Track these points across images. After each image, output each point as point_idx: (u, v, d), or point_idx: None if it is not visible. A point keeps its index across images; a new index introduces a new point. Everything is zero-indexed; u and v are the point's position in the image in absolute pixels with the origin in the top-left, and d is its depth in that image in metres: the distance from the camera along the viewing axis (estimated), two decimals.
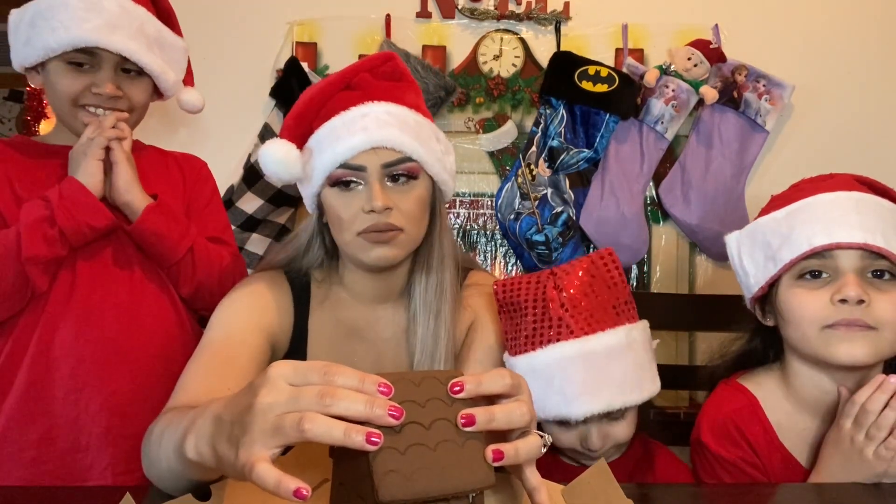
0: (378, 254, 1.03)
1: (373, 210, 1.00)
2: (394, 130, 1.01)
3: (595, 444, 1.03)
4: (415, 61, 1.95)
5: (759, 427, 1.05)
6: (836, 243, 0.96)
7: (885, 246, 0.94)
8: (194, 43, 2.01)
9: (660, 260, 2.11)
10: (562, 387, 1.01)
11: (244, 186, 2.00)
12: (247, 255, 2.03)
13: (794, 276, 1.01)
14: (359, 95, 1.05)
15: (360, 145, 1.00)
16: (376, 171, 1.02)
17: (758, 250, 1.05)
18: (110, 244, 1.21)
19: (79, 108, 1.19)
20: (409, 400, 0.57)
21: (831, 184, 1.03)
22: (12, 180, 1.18)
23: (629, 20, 2.09)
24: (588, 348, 1.01)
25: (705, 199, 2.03)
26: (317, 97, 1.06)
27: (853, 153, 2.09)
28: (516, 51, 2.08)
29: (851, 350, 0.96)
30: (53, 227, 1.11)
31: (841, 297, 0.95)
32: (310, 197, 1.10)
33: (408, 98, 1.08)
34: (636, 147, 2.04)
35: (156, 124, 2.01)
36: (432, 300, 1.10)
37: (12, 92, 3.87)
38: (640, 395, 1.03)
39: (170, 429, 0.76)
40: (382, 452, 0.54)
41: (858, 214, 0.96)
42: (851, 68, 2.11)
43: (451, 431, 0.57)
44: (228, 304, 1.08)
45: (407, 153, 1.02)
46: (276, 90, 2.01)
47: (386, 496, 0.53)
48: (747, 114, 2.05)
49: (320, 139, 1.04)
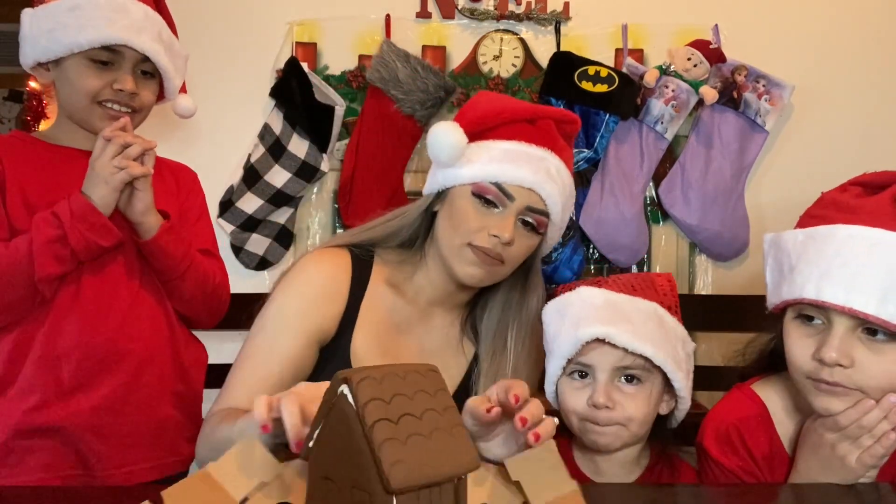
0: (472, 272, 1.09)
1: (497, 237, 1.06)
2: (555, 188, 1.09)
3: (600, 398, 1.01)
4: (415, 61, 1.96)
5: (764, 438, 1.03)
6: (822, 301, 0.90)
7: (878, 310, 0.87)
8: (195, 43, 2.01)
9: (660, 260, 2.11)
10: (576, 315, 1.03)
11: (244, 186, 2.00)
12: (247, 255, 2.03)
13: (794, 312, 0.97)
14: (541, 136, 1.11)
15: (524, 180, 1.06)
16: (519, 207, 1.07)
17: (776, 267, 1.00)
18: (116, 253, 1.23)
19: (97, 105, 1.20)
20: (400, 393, 0.60)
21: (864, 206, 0.94)
22: (24, 187, 1.19)
23: (629, 20, 2.09)
24: (613, 297, 1.05)
25: (705, 199, 2.03)
26: (504, 114, 1.11)
27: (853, 153, 2.09)
28: (516, 51, 2.08)
29: (828, 406, 0.93)
30: (65, 247, 1.13)
31: (819, 357, 0.91)
32: (440, 183, 1.12)
33: (570, 164, 1.16)
34: (636, 147, 2.04)
35: (156, 124, 2.01)
36: (514, 337, 1.16)
37: (12, 92, 3.87)
38: (654, 351, 1.01)
39: (224, 423, 0.93)
40: (386, 444, 0.57)
41: (863, 267, 0.89)
42: (851, 68, 2.11)
43: (440, 420, 0.61)
44: (279, 302, 1.10)
45: (550, 211, 1.10)
46: (276, 90, 2.01)
47: (397, 485, 0.56)
48: (747, 114, 2.05)
49: (492, 149, 1.08)
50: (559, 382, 1.08)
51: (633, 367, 1.03)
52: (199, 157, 2.03)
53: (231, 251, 2.02)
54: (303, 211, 2.09)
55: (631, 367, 1.03)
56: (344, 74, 2.04)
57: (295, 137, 1.98)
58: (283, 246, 2.05)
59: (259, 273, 2.05)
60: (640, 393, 1.04)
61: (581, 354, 1.03)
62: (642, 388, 1.04)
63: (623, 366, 1.02)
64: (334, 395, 0.61)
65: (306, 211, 2.10)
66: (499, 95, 1.19)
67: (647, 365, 1.03)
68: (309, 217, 2.10)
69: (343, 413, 0.60)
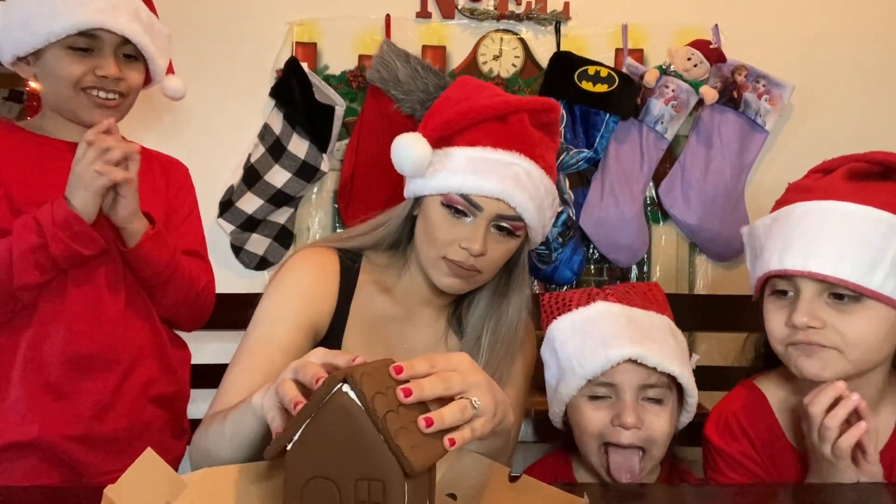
0: (450, 282, 1.09)
1: (468, 250, 1.05)
2: (525, 195, 1.06)
3: (629, 418, 1.00)
4: (415, 61, 1.96)
5: (762, 424, 1.06)
6: (785, 270, 0.96)
7: (835, 270, 0.93)
8: (194, 43, 2.02)
9: (660, 260, 2.11)
10: (602, 333, 1.03)
11: (244, 186, 2.00)
12: (247, 255, 2.03)
13: (769, 290, 1.02)
14: (510, 136, 1.07)
15: (491, 191, 1.04)
16: (489, 216, 1.06)
17: (751, 254, 1.07)
18: (102, 259, 1.20)
19: (80, 93, 1.17)
20: (388, 386, 0.65)
21: (819, 185, 1.03)
22: (7, 180, 1.16)
23: (629, 20, 2.09)
24: (631, 313, 1.06)
25: (705, 199, 2.03)
26: (470, 115, 1.07)
27: (853, 153, 2.08)
28: (516, 51, 2.08)
29: (811, 368, 0.97)
30: (46, 255, 1.10)
31: (791, 323, 0.96)
32: (416, 192, 1.11)
33: (549, 156, 1.12)
34: (636, 147, 2.04)
35: (156, 124, 2.01)
36: (490, 332, 1.14)
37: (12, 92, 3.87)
38: (680, 370, 1.02)
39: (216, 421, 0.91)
40: (400, 431, 0.61)
41: (818, 235, 0.96)
42: (851, 68, 2.11)
43: (416, 412, 0.66)
44: (274, 298, 1.10)
45: (523, 216, 1.07)
46: (276, 90, 2.01)
47: (417, 468, 0.60)
48: (747, 114, 2.05)
49: (457, 159, 1.06)
50: (571, 402, 1.06)
51: (657, 384, 1.03)
52: (199, 157, 2.03)
53: (231, 251, 2.02)
54: (303, 211, 2.09)
55: (656, 385, 1.03)
56: (344, 74, 2.04)
57: (295, 137, 1.98)
58: (283, 246, 2.05)
59: (259, 273, 2.06)
60: (663, 412, 1.04)
61: (606, 374, 1.02)
62: (664, 407, 1.04)
63: (648, 384, 1.03)
64: (327, 394, 0.61)
65: (306, 211, 2.10)
66: (472, 89, 1.13)
67: (668, 382, 1.04)
68: (309, 217, 2.10)
69: (344, 409, 0.61)
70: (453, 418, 0.68)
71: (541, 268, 1.97)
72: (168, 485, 0.65)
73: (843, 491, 0.91)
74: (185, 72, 2.02)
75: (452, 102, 1.10)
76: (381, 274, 1.17)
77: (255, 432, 0.82)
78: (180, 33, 1.47)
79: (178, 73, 1.38)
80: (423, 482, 0.66)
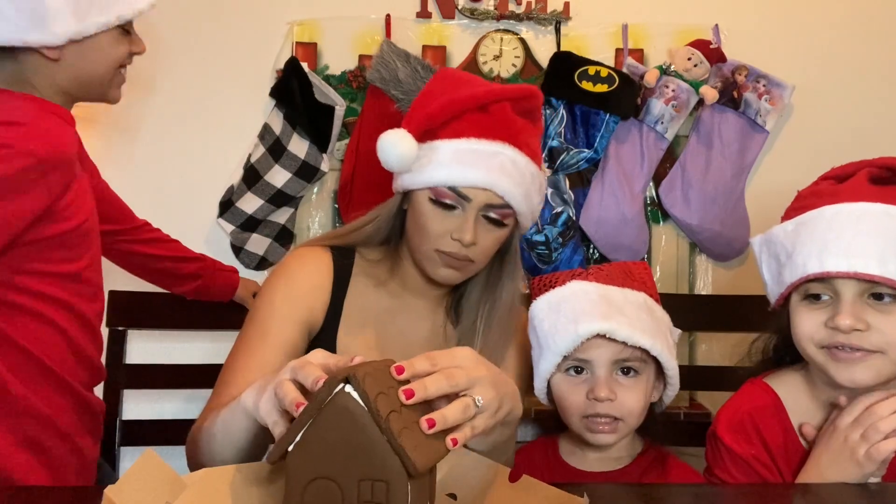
0: (445, 274, 1.11)
1: (459, 241, 1.06)
2: (511, 183, 1.06)
3: (601, 392, 1.02)
4: (415, 61, 1.96)
5: (779, 428, 1.05)
6: (827, 272, 0.94)
7: (881, 270, 0.92)
8: (195, 43, 2.02)
9: (660, 260, 2.11)
10: (573, 310, 1.04)
11: (244, 186, 2.00)
12: (247, 255, 2.03)
13: (800, 295, 1.00)
14: (493, 126, 1.08)
15: (477, 181, 1.05)
16: (478, 206, 1.07)
17: (773, 261, 1.04)
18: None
19: (117, 71, 1.26)
20: (390, 386, 0.65)
21: (843, 188, 1.01)
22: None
23: (629, 20, 2.09)
24: (605, 291, 1.06)
25: (705, 199, 2.03)
26: (452, 107, 1.08)
27: (853, 153, 2.06)
28: (516, 51, 2.08)
29: (851, 375, 0.95)
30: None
31: (833, 326, 0.94)
32: (404, 186, 1.12)
33: (533, 143, 1.13)
34: (636, 147, 2.04)
35: (155, 123, 2.01)
36: (485, 317, 1.16)
37: None
38: (651, 343, 1.03)
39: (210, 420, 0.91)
40: (404, 432, 0.62)
41: (857, 235, 0.94)
42: (851, 68, 2.11)
43: (418, 412, 0.66)
44: (267, 297, 1.11)
45: (511, 204, 1.08)
46: (276, 90, 2.01)
47: (421, 468, 0.61)
48: (747, 114, 2.05)
49: (442, 152, 1.07)
50: (552, 379, 1.09)
51: (630, 359, 1.05)
52: (199, 157, 2.05)
53: (231, 251, 2.02)
54: (303, 211, 2.09)
55: (629, 359, 1.05)
56: (344, 74, 2.04)
57: (295, 137, 1.98)
58: (283, 246, 2.05)
59: (259, 273, 2.05)
60: (637, 385, 1.06)
61: (579, 350, 1.04)
62: (639, 379, 1.06)
63: (621, 358, 1.04)
64: (329, 395, 0.61)
65: (306, 211, 2.10)
66: (452, 81, 1.13)
67: (643, 356, 1.05)
68: (309, 217, 2.10)
69: (345, 410, 0.61)
70: (455, 418, 0.68)
71: (541, 268, 1.97)
72: (168, 485, 0.65)
73: (847, 491, 0.91)
74: (186, 71, 2.03)
75: (434, 96, 1.10)
76: (375, 268, 1.19)
77: (246, 430, 0.82)
78: (180, 33, 1.48)
79: (178, 73, 1.39)
80: (425, 482, 0.66)
